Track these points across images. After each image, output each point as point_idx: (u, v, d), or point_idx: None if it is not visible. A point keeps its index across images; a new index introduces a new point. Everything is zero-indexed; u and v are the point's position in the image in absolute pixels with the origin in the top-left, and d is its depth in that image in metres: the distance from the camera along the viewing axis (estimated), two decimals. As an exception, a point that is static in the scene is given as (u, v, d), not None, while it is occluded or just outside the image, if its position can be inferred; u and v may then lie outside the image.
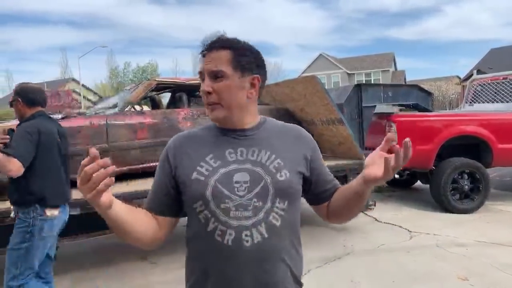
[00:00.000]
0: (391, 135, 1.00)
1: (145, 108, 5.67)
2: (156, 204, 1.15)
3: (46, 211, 2.45)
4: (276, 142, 1.15)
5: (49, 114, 2.88)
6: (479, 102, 7.05)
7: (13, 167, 2.29)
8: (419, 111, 6.21)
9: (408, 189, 7.24)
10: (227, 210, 1.05)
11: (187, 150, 1.14)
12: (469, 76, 11.66)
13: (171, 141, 1.19)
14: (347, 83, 32.04)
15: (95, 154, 0.87)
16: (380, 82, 31.86)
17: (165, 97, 6.05)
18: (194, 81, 4.92)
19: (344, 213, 1.20)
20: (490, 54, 25.15)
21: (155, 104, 5.25)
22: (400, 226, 4.94)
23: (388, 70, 37.82)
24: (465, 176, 5.51)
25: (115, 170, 0.90)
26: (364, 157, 4.46)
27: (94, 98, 32.71)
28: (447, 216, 5.31)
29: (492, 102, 6.77)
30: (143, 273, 3.76)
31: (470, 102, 7.25)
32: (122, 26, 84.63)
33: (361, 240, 4.39)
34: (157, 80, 4.73)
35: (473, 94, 7.22)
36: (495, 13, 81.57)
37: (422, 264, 3.71)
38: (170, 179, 1.14)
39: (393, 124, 5.45)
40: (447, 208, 5.46)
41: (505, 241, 4.21)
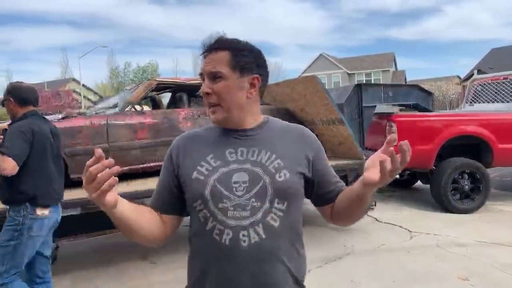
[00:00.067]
0: (393, 137, 0.97)
1: (146, 108, 5.67)
2: (160, 203, 1.17)
3: (37, 210, 2.45)
4: (278, 142, 1.14)
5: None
6: (480, 102, 7.04)
7: (8, 166, 2.30)
8: (419, 111, 6.20)
9: (409, 189, 7.24)
10: (225, 210, 1.05)
11: (189, 150, 1.16)
12: (470, 76, 11.67)
13: (175, 141, 1.21)
14: (348, 83, 32.03)
15: (100, 155, 0.89)
16: (381, 82, 31.86)
17: (166, 97, 6.06)
18: (195, 81, 4.92)
19: (347, 216, 1.18)
20: (491, 54, 25.12)
21: (156, 104, 5.25)
22: (401, 226, 4.94)
23: (389, 70, 37.79)
24: (466, 176, 5.50)
25: (118, 170, 0.92)
26: (364, 157, 4.46)
27: (95, 98, 32.72)
28: (448, 216, 5.31)
29: (493, 102, 6.77)
30: (143, 273, 3.76)
31: (471, 102, 7.25)
32: (123, 26, 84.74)
33: (362, 240, 4.39)
34: (158, 80, 4.73)
35: (474, 94, 7.22)
36: (496, 13, 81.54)
37: (423, 264, 3.71)
38: (173, 178, 1.15)
39: (393, 124, 5.45)
40: (448, 208, 5.46)
41: (506, 241, 4.21)
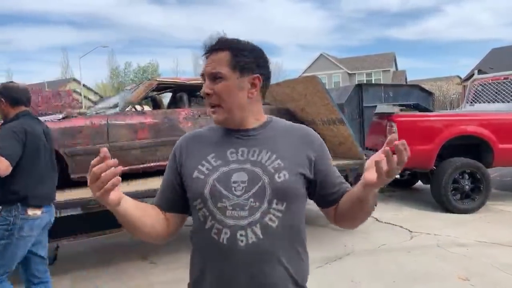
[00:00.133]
0: (393, 137, 0.94)
1: (146, 108, 5.67)
2: (163, 201, 1.19)
3: (28, 211, 2.45)
4: (280, 143, 1.14)
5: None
6: (480, 102, 7.04)
7: (1, 166, 2.30)
8: (420, 111, 6.20)
9: (409, 189, 7.23)
10: (224, 209, 1.06)
11: (192, 149, 1.17)
12: (470, 76, 11.65)
13: (178, 141, 1.23)
14: (348, 83, 32.03)
15: (105, 154, 0.91)
16: (381, 82, 31.84)
17: (166, 97, 6.05)
18: (195, 81, 4.92)
19: (350, 218, 1.16)
20: (491, 54, 25.09)
21: (156, 104, 5.25)
22: (401, 226, 4.94)
23: (389, 70, 37.78)
24: (466, 176, 5.50)
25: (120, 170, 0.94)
26: (365, 157, 4.46)
27: (95, 98, 32.72)
28: (448, 216, 5.31)
29: (493, 102, 6.76)
30: (143, 273, 3.76)
31: (471, 102, 7.24)
32: (123, 26, 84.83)
33: (362, 240, 4.39)
34: (158, 80, 4.73)
35: (474, 94, 7.22)
36: (496, 13, 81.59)
37: (423, 264, 3.71)
38: (176, 177, 1.17)
39: (394, 124, 5.44)
40: (448, 208, 5.46)
41: (506, 241, 4.21)
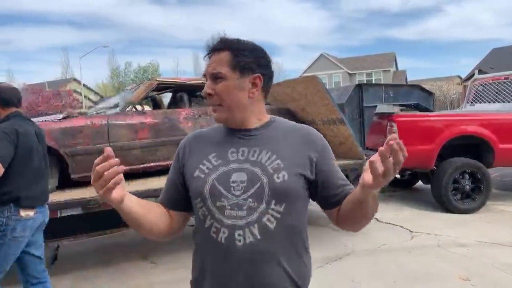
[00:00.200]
0: (393, 137, 0.91)
1: (146, 108, 5.67)
2: (167, 199, 1.21)
3: (21, 212, 2.44)
4: (282, 143, 1.13)
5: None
6: (481, 102, 7.03)
7: None
8: (420, 111, 6.19)
9: (409, 189, 7.23)
10: (223, 209, 1.06)
11: (195, 149, 1.18)
12: (471, 76, 11.65)
13: (183, 141, 1.25)
14: (348, 83, 32.02)
15: (109, 154, 0.92)
16: (381, 82, 31.83)
17: (166, 97, 6.05)
18: (195, 81, 4.92)
19: (352, 221, 1.14)
20: (492, 54, 25.07)
21: (156, 104, 5.25)
22: (401, 226, 4.94)
23: (389, 70, 37.75)
24: (466, 176, 5.49)
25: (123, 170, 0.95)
26: (365, 157, 4.46)
27: (95, 98, 32.72)
28: (448, 216, 5.30)
29: (494, 102, 6.75)
30: (143, 273, 3.76)
31: (472, 102, 7.23)
32: (123, 26, 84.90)
33: (362, 240, 4.38)
34: (158, 80, 4.73)
35: (475, 94, 7.21)
36: (497, 13, 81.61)
37: (423, 264, 3.70)
38: (179, 176, 1.19)
39: (394, 124, 5.44)
40: (448, 208, 5.45)
41: (506, 241, 4.21)
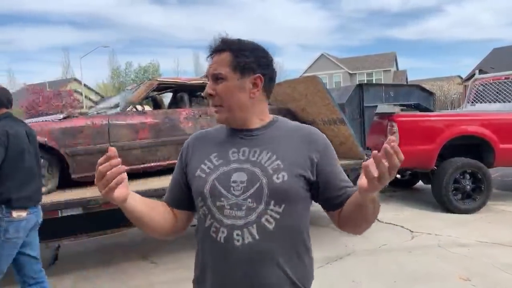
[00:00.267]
0: (392, 138, 0.90)
1: (147, 108, 5.67)
2: (171, 198, 1.23)
3: (13, 213, 2.44)
4: (283, 143, 1.12)
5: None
6: (481, 102, 7.02)
7: None
8: (421, 111, 6.19)
9: (410, 189, 7.22)
10: (222, 208, 1.07)
11: (197, 149, 1.20)
12: (471, 76, 11.65)
13: (187, 140, 1.26)
14: (349, 83, 32.02)
15: (112, 153, 0.94)
16: (382, 82, 31.81)
17: (167, 97, 6.05)
18: (196, 81, 4.92)
19: (352, 223, 1.12)
20: (492, 54, 25.08)
21: (157, 104, 5.25)
22: (402, 226, 4.94)
23: (390, 70, 37.73)
24: (467, 176, 5.49)
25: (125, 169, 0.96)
26: (366, 157, 4.45)
27: (96, 98, 32.76)
28: (449, 216, 5.30)
29: (494, 102, 6.75)
30: (144, 273, 3.76)
31: (472, 102, 7.23)
32: (124, 26, 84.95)
33: (363, 240, 4.38)
34: (159, 80, 4.73)
35: (475, 94, 7.20)
36: (497, 13, 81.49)
37: (424, 264, 3.70)
38: (182, 175, 1.21)
39: (395, 124, 5.44)
40: (449, 208, 5.44)
41: (507, 241, 4.20)
